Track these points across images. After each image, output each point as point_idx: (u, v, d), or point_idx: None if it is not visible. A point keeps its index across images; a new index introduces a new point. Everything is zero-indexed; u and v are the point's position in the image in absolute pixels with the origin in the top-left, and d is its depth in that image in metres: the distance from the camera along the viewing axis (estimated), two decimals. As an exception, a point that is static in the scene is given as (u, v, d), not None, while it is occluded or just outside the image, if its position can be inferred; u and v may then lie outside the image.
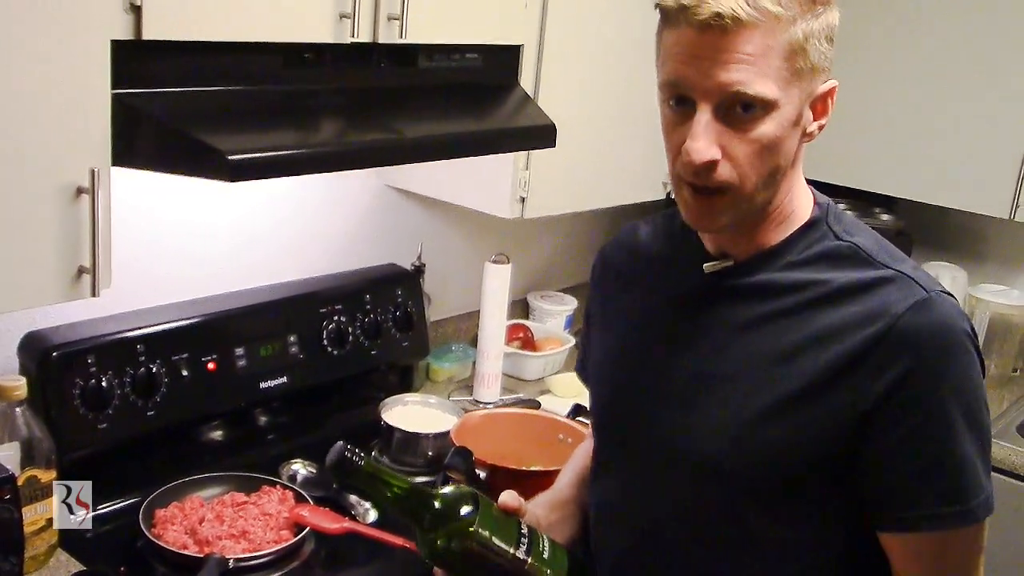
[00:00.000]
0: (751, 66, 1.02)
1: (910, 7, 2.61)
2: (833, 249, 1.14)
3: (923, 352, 1.05)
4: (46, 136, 1.26)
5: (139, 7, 1.29)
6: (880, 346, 1.06)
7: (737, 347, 1.14)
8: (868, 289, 1.09)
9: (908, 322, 1.05)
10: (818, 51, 1.05)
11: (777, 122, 1.05)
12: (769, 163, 1.07)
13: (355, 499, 1.78)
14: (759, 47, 1.01)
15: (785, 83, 1.04)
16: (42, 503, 1.50)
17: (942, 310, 1.07)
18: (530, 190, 2.06)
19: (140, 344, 1.74)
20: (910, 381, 1.05)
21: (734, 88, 1.02)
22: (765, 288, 1.14)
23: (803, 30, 1.03)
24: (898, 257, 1.14)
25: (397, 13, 1.60)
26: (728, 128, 1.05)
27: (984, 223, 2.85)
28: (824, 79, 1.08)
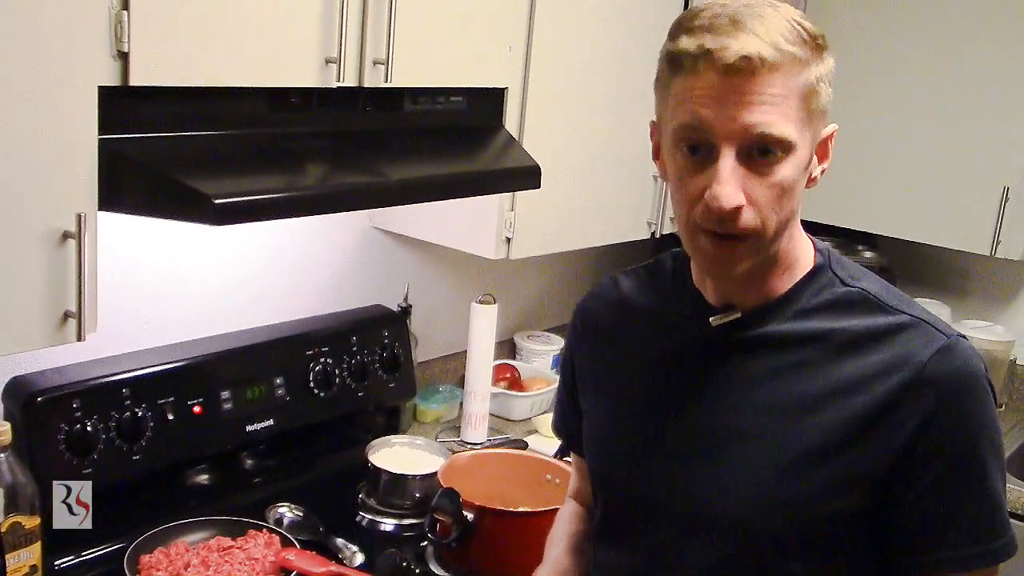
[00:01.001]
0: (775, 107, 1.00)
1: (890, 46, 2.65)
2: (842, 296, 1.12)
3: (949, 397, 1.05)
4: (33, 181, 1.26)
5: (126, 54, 1.30)
6: (908, 394, 1.05)
7: (753, 401, 1.11)
8: (886, 336, 1.08)
9: (934, 369, 1.05)
10: (826, 94, 1.06)
11: (794, 165, 1.03)
12: (787, 207, 1.05)
13: (342, 543, 1.77)
14: (781, 88, 1.01)
15: (802, 125, 1.03)
16: (26, 550, 1.49)
17: (964, 355, 1.07)
18: (516, 231, 2.07)
19: (125, 388, 1.73)
20: (938, 425, 1.05)
21: (759, 130, 1.00)
22: (777, 339, 1.12)
23: (816, 73, 1.03)
24: (907, 301, 1.13)
25: (382, 57, 1.61)
26: (750, 172, 1.02)
27: (966, 260, 2.88)
28: (826, 123, 1.09)
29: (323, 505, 1.89)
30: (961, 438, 1.06)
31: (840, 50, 2.67)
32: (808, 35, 1.03)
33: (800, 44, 1.01)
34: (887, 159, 2.70)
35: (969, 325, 2.77)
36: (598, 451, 1.28)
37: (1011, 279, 2.91)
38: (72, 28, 1.25)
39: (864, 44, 2.68)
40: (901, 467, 1.06)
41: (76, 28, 1.26)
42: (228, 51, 1.43)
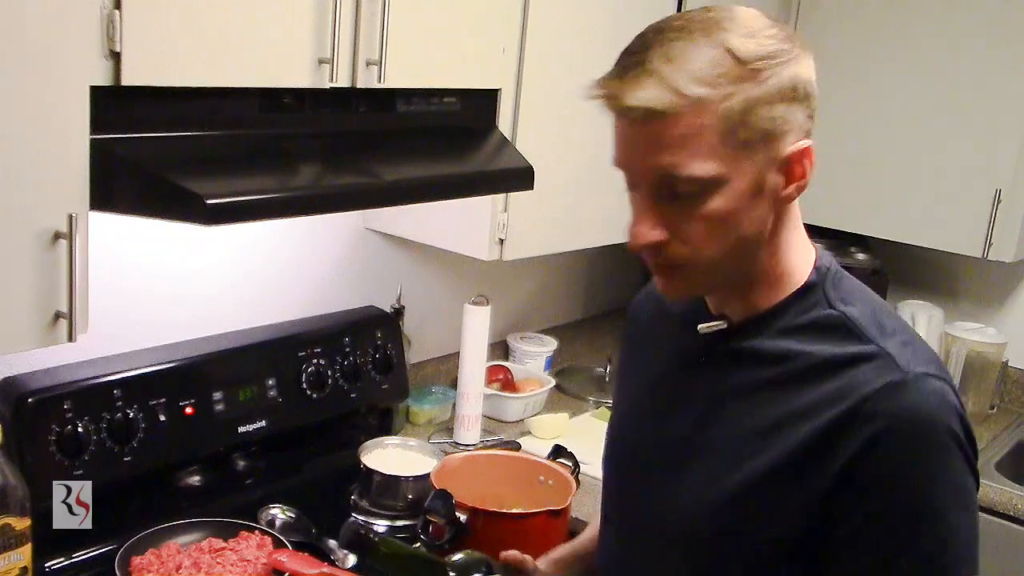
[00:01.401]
0: (683, 148, 0.98)
1: (882, 49, 2.66)
2: (824, 318, 1.06)
3: (883, 438, 0.97)
4: (24, 181, 1.26)
5: (118, 53, 1.30)
6: (842, 428, 0.99)
7: (722, 416, 1.10)
8: (846, 365, 1.02)
9: (872, 405, 0.98)
10: (769, 117, 0.99)
11: (727, 196, 1.00)
12: (729, 235, 1.02)
13: (334, 544, 1.77)
14: (689, 128, 0.97)
15: (729, 158, 0.99)
16: (16, 551, 1.48)
17: (915, 396, 0.99)
18: (509, 232, 2.07)
19: (117, 389, 1.73)
20: (869, 464, 0.98)
21: (666, 172, 0.99)
22: (753, 356, 1.09)
23: (741, 103, 0.97)
24: (890, 330, 1.05)
25: (376, 58, 1.61)
26: (674, 208, 1.02)
27: (959, 262, 2.89)
28: (791, 140, 1.02)
29: (315, 506, 1.89)
30: (896, 485, 0.98)
31: (832, 53, 2.70)
32: (736, 62, 0.97)
33: (708, 80, 0.97)
34: (879, 161, 2.70)
35: (961, 327, 2.78)
36: (606, 443, 1.31)
37: (1003, 281, 2.92)
38: (64, 28, 1.25)
39: (855, 47, 2.69)
40: (834, 502, 1.00)
41: (68, 28, 1.25)
42: (221, 51, 1.43)
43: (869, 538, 0.99)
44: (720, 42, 0.98)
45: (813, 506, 1.01)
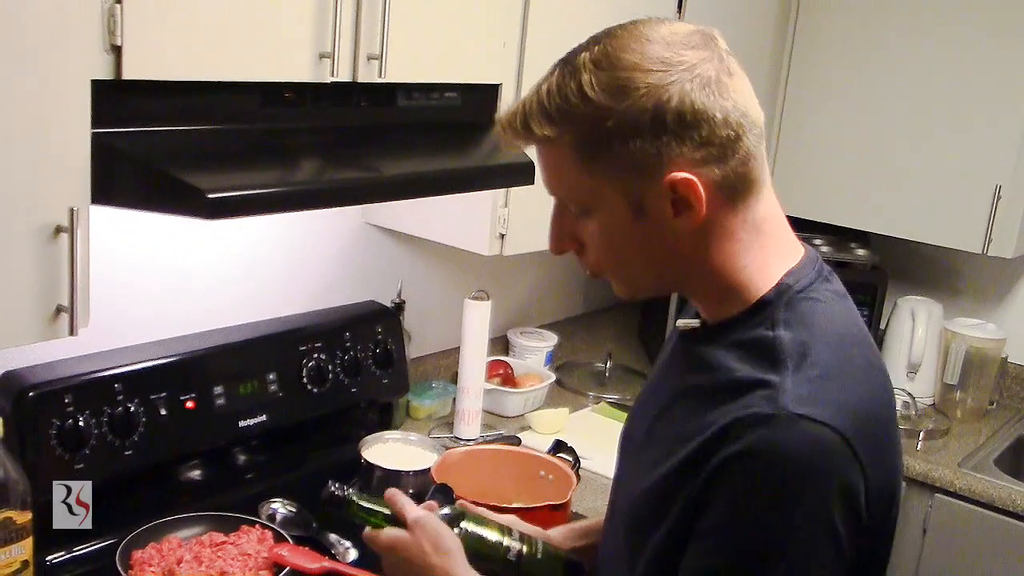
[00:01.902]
0: (552, 175, 1.07)
1: (882, 44, 2.66)
2: (758, 339, 1.04)
3: (737, 462, 0.97)
4: (25, 175, 1.26)
5: (119, 47, 1.30)
6: (717, 443, 0.98)
7: (669, 414, 1.12)
8: (746, 390, 1.00)
9: (741, 429, 0.97)
10: (626, 151, 0.99)
11: (607, 218, 1.05)
12: (621, 253, 1.08)
13: (335, 538, 1.77)
14: (549, 158, 1.06)
15: (590, 186, 1.03)
16: (17, 545, 1.48)
17: (776, 433, 0.96)
18: (509, 227, 2.07)
19: (117, 383, 1.73)
20: (718, 484, 0.98)
21: (549, 190, 1.09)
22: (700, 362, 1.09)
23: (589, 137, 1.01)
24: (809, 363, 1.01)
25: (376, 53, 1.61)
26: (576, 223, 1.09)
27: (958, 258, 2.89)
28: (669, 170, 1.00)
29: (316, 501, 1.88)
30: (729, 511, 0.98)
31: (831, 50, 2.71)
32: (582, 99, 1.00)
33: (555, 119, 1.01)
34: (879, 157, 2.70)
35: (961, 323, 2.78)
36: None
37: (1003, 277, 2.92)
38: (65, 21, 1.25)
39: (855, 43, 2.69)
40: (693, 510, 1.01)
41: (69, 21, 1.25)
42: (222, 45, 1.43)
43: (700, 546, 1.00)
44: (578, 78, 1.01)
45: (685, 513, 1.02)
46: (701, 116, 0.99)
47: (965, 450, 2.54)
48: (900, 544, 2.46)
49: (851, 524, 0.98)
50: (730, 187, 1.02)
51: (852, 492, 0.98)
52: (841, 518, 0.97)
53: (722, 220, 1.04)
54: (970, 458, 2.50)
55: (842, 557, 0.99)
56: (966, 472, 2.41)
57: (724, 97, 1.00)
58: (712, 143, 1.00)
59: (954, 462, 2.46)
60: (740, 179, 1.03)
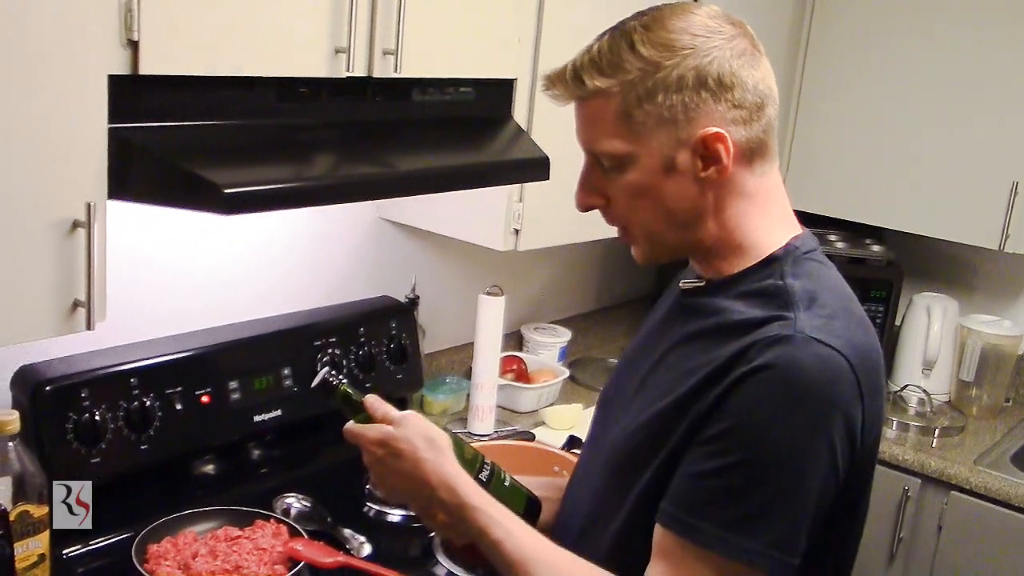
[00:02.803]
0: (594, 128, 1.15)
1: (898, 40, 2.65)
2: (767, 287, 1.15)
3: (758, 373, 1.06)
4: (43, 170, 1.26)
5: (136, 42, 1.30)
6: (734, 361, 1.08)
7: (669, 359, 1.20)
8: (759, 325, 1.10)
9: (755, 351, 1.07)
10: (668, 104, 1.10)
11: (640, 171, 1.13)
12: (651, 208, 1.15)
13: (349, 533, 1.77)
14: (597, 110, 1.14)
15: (632, 138, 1.12)
16: (34, 538, 1.49)
17: (793, 351, 1.06)
18: (524, 222, 2.07)
19: (133, 378, 1.73)
20: (736, 392, 1.07)
21: (586, 146, 1.18)
22: (703, 308, 1.19)
23: (637, 90, 1.10)
24: (819, 306, 1.12)
25: (392, 48, 1.61)
26: (606, 179, 1.17)
27: (974, 254, 2.87)
28: (702, 125, 1.11)
29: (331, 495, 1.89)
30: (746, 414, 1.06)
31: (846, 44, 2.69)
32: (634, 56, 1.11)
33: (606, 72, 1.11)
34: (895, 153, 2.69)
35: (977, 320, 2.77)
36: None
37: (1019, 274, 2.90)
38: (82, 17, 1.25)
39: (871, 39, 2.68)
40: (701, 422, 1.09)
41: (86, 17, 1.26)
42: (238, 40, 1.43)
43: (708, 448, 1.08)
44: (630, 38, 1.12)
45: (689, 432, 1.10)
46: (736, 80, 1.11)
47: (981, 447, 2.53)
48: (915, 541, 2.46)
49: (846, 445, 1.08)
50: (751, 150, 1.14)
51: (852, 415, 1.08)
52: (839, 435, 1.07)
53: (741, 180, 1.15)
54: (986, 455, 2.48)
55: (836, 475, 1.09)
56: (982, 469, 2.39)
57: (755, 68, 1.13)
58: (742, 106, 1.12)
59: (970, 459, 2.45)
60: (760, 145, 1.15)
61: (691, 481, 1.09)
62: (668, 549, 1.10)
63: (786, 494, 1.06)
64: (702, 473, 1.08)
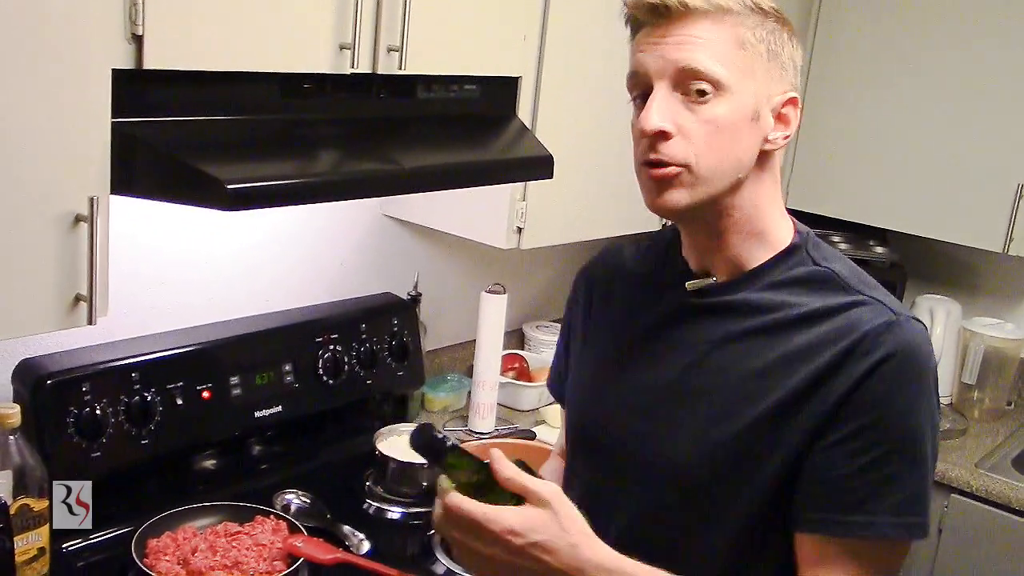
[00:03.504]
0: (702, 47, 1.09)
1: (903, 42, 2.64)
2: (811, 273, 1.17)
3: (886, 363, 1.08)
4: (46, 164, 1.26)
5: (141, 37, 1.30)
6: (848, 357, 1.09)
7: (713, 362, 1.17)
8: (841, 311, 1.12)
9: (875, 338, 1.09)
10: (775, 52, 1.12)
11: (731, 107, 1.10)
12: (725, 148, 1.11)
13: (349, 529, 1.77)
14: (710, 31, 1.09)
15: (737, 70, 1.10)
16: (34, 532, 1.49)
17: (910, 334, 1.10)
18: (527, 221, 2.07)
19: (135, 372, 1.73)
20: (868, 387, 1.08)
21: (685, 64, 1.09)
22: (743, 306, 1.17)
23: (752, 30, 1.11)
24: (872, 285, 1.17)
25: (397, 44, 1.61)
26: (684, 107, 1.10)
27: (978, 256, 2.87)
28: (785, 88, 1.14)
29: (330, 492, 1.89)
30: (886, 404, 1.08)
31: (851, 47, 2.69)
32: (774, 4, 1.13)
33: (746, 2, 1.10)
34: (899, 155, 2.68)
35: (980, 323, 2.76)
36: (576, 402, 1.36)
37: (1022, 277, 2.90)
38: (87, 11, 1.25)
39: (877, 40, 2.67)
40: (826, 423, 1.09)
41: (91, 11, 1.25)
42: (243, 36, 1.43)
43: (852, 447, 1.08)
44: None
45: (810, 435, 1.10)
46: (797, 64, 1.17)
47: (982, 450, 2.53)
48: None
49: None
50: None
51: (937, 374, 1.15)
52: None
53: (776, 160, 1.18)
54: (987, 458, 2.48)
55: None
56: (983, 472, 2.39)
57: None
58: (796, 87, 1.17)
59: (971, 462, 2.44)
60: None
61: (843, 481, 1.09)
62: (833, 555, 1.10)
63: (931, 460, 1.12)
64: (856, 471, 1.08)
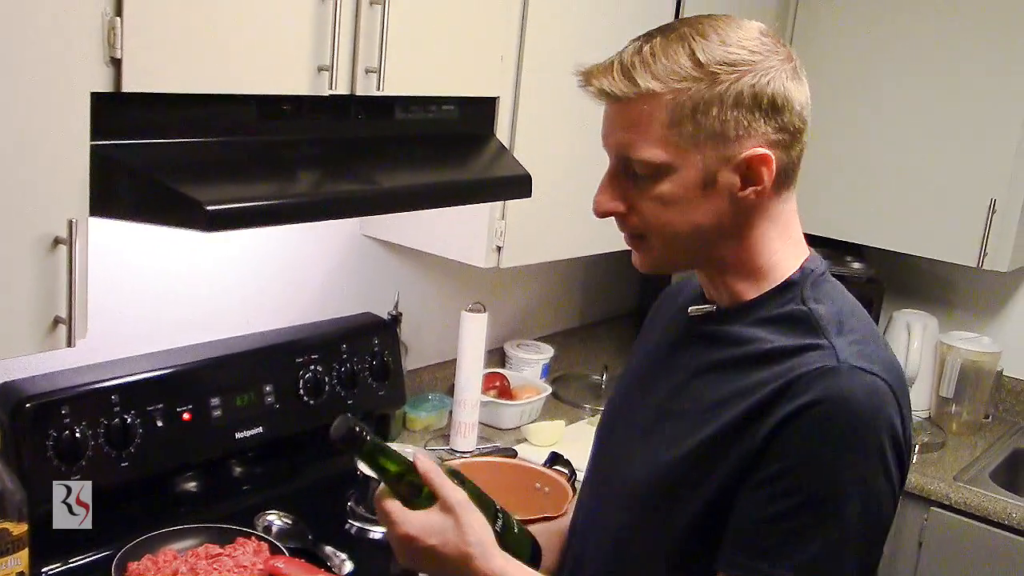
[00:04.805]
0: (635, 133, 1.09)
1: (878, 59, 2.67)
2: (792, 312, 1.13)
3: (809, 410, 1.04)
4: (24, 186, 1.26)
5: (119, 60, 1.31)
6: (779, 397, 1.06)
7: (691, 389, 1.18)
8: (796, 352, 1.09)
9: (808, 381, 1.05)
10: (720, 119, 1.07)
11: (675, 183, 1.10)
12: (677, 220, 1.11)
13: (331, 550, 1.77)
14: (642, 115, 1.09)
15: (675, 148, 1.08)
16: (13, 556, 1.48)
17: (843, 382, 1.05)
18: (506, 240, 2.08)
19: (114, 395, 1.73)
20: (789, 431, 1.05)
21: (620, 152, 1.12)
22: (726, 338, 1.17)
23: (691, 100, 1.07)
24: (847, 330, 1.12)
25: (375, 66, 1.62)
26: (633, 185, 1.12)
27: (954, 271, 2.90)
28: (749, 145, 1.09)
29: (312, 513, 1.89)
30: (804, 453, 1.04)
31: (827, 63, 2.71)
32: (694, 64, 1.07)
33: (660, 76, 1.07)
34: (875, 171, 2.71)
35: (957, 336, 2.79)
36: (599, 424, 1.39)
37: (998, 291, 2.93)
38: (65, 34, 1.25)
39: (851, 57, 2.70)
40: (754, 463, 1.07)
41: (69, 34, 1.26)
42: (221, 58, 1.44)
43: (769, 491, 1.06)
44: (688, 45, 1.08)
45: (738, 472, 1.08)
46: (788, 103, 1.09)
47: (960, 463, 2.55)
48: (895, 557, 2.46)
49: (898, 468, 1.08)
50: (785, 174, 1.12)
51: (899, 437, 1.07)
52: (893, 460, 1.06)
53: (766, 205, 1.13)
54: (965, 471, 2.50)
55: (895, 500, 1.09)
56: (961, 485, 2.41)
57: (801, 92, 1.11)
58: (787, 130, 1.10)
59: (949, 475, 2.46)
60: (793, 169, 1.14)
61: (759, 526, 1.06)
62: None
63: (856, 526, 1.05)
64: (770, 517, 1.06)
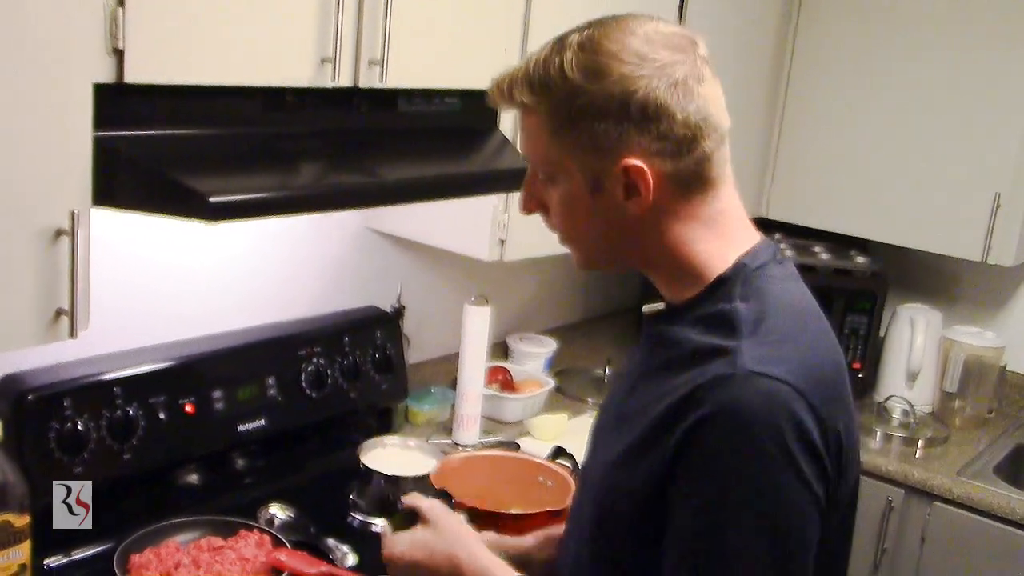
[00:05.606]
0: (529, 140, 1.15)
1: (883, 53, 2.67)
2: (718, 312, 1.11)
3: (703, 424, 1.02)
4: (27, 178, 1.26)
5: (122, 51, 1.30)
6: (680, 410, 1.05)
7: (636, 392, 1.18)
8: (705, 357, 1.07)
9: (701, 394, 1.03)
10: (590, 129, 1.07)
11: (565, 188, 1.13)
12: (580, 223, 1.15)
13: (333, 543, 1.77)
14: (532, 124, 1.13)
15: (557, 154, 1.11)
16: (15, 548, 1.48)
17: (735, 391, 1.02)
18: (509, 233, 2.07)
19: (117, 387, 1.73)
20: (688, 443, 1.03)
21: (526, 156, 1.17)
22: (666, 338, 1.15)
23: (563, 111, 1.09)
24: (763, 331, 1.08)
25: (378, 58, 1.61)
26: (544, 189, 1.16)
27: (958, 266, 2.89)
28: (625, 156, 1.07)
29: (315, 506, 1.89)
30: (699, 468, 1.03)
31: (831, 58, 2.71)
32: (561, 76, 1.08)
33: (536, 90, 1.10)
34: (879, 165, 2.71)
35: (960, 331, 2.78)
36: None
37: (1002, 285, 2.92)
38: (67, 25, 1.25)
39: (856, 51, 2.69)
40: (671, 473, 1.05)
41: (71, 25, 1.26)
42: (224, 50, 1.43)
43: (681, 504, 1.05)
44: (561, 56, 1.10)
45: (658, 478, 1.07)
46: (662, 112, 1.07)
47: (964, 458, 2.54)
48: (899, 552, 2.46)
49: (814, 468, 1.03)
50: (682, 181, 1.10)
51: (809, 438, 1.03)
52: (806, 463, 1.02)
53: (674, 208, 1.12)
54: (969, 466, 2.49)
55: (817, 504, 1.04)
56: (965, 480, 2.41)
57: (687, 100, 1.07)
58: (668, 138, 1.08)
59: (953, 470, 2.46)
60: (693, 176, 1.10)
61: (673, 532, 1.06)
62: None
63: (759, 535, 1.02)
64: (679, 528, 1.05)
